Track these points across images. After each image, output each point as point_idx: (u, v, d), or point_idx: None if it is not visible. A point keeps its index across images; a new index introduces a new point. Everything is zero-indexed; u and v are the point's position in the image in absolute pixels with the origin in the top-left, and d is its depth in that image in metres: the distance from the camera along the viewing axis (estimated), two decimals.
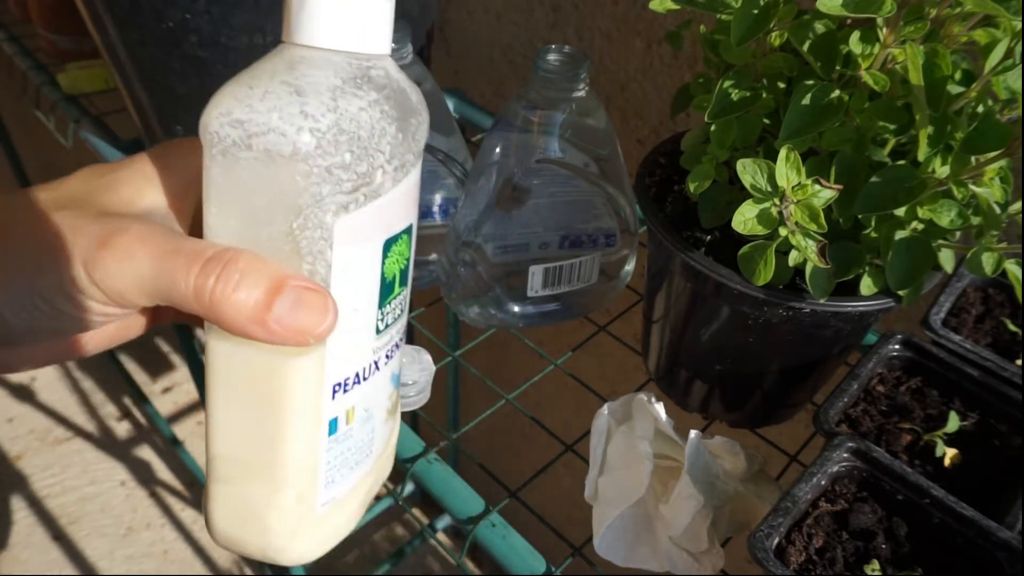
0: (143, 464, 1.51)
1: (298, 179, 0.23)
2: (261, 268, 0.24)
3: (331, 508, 0.30)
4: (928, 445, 0.39)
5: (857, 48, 0.34)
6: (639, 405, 0.46)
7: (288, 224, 0.24)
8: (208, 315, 0.24)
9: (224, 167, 0.24)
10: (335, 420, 0.28)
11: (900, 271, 0.36)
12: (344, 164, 0.24)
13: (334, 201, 0.24)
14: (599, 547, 0.43)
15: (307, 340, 0.24)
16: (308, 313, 0.24)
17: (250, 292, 0.23)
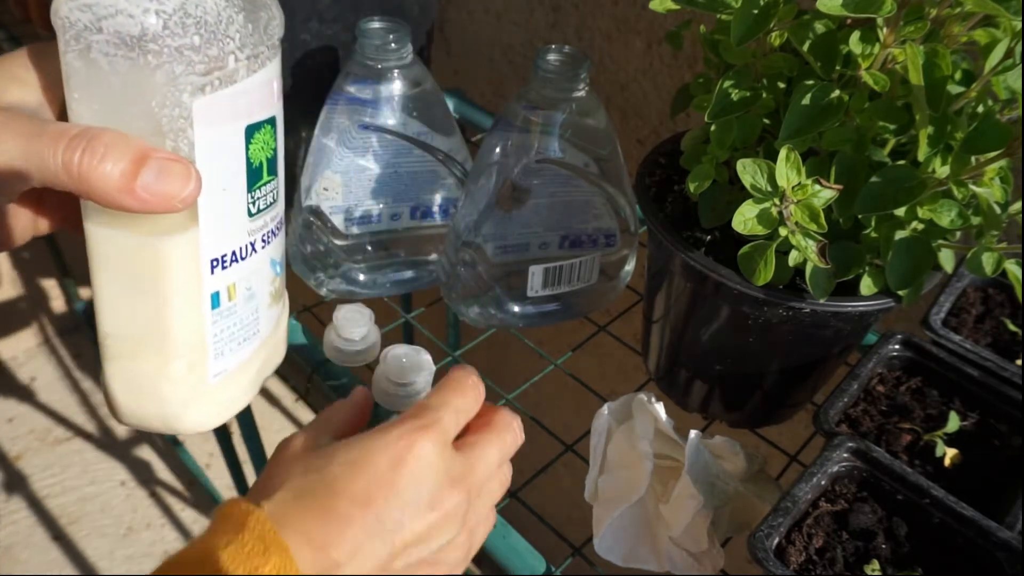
0: (143, 464, 1.51)
1: (150, 58, 0.25)
2: (126, 142, 0.25)
3: (223, 380, 0.33)
4: (928, 445, 0.39)
5: (857, 48, 0.34)
6: (639, 405, 0.46)
7: (147, 103, 0.26)
8: (78, 188, 0.25)
9: (79, 52, 0.25)
10: (217, 294, 0.30)
11: (900, 271, 0.36)
12: (194, 46, 0.26)
13: (189, 82, 0.26)
14: (599, 547, 0.43)
15: (174, 205, 0.26)
16: (172, 180, 0.26)
17: (116, 164, 0.25)
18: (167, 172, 0.26)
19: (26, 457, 1.51)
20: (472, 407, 0.34)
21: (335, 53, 0.57)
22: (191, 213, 0.28)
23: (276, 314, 0.36)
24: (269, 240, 0.33)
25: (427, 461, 0.29)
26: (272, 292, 0.34)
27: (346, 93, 0.52)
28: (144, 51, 0.25)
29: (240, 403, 0.35)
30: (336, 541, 0.27)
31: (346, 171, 0.52)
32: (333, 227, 0.53)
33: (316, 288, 0.56)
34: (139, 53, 0.25)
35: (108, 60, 0.25)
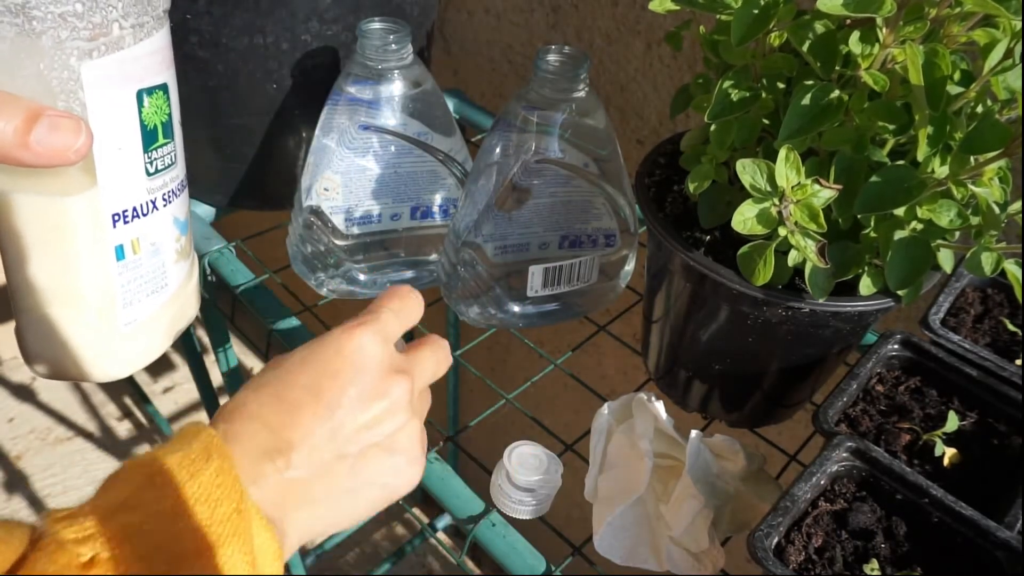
0: None
1: (35, 24, 0.27)
2: (17, 102, 0.27)
3: (134, 329, 0.35)
4: (927, 445, 0.39)
5: (857, 48, 0.34)
6: (639, 404, 0.46)
7: (36, 66, 0.28)
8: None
9: None
10: (121, 247, 0.33)
11: (899, 271, 0.36)
12: (77, 13, 0.28)
13: (75, 47, 0.28)
14: (599, 545, 0.43)
15: (67, 157, 0.28)
16: (64, 134, 0.28)
17: (8, 121, 0.26)
18: (58, 127, 0.27)
19: (27, 457, 1.51)
20: (411, 312, 0.36)
21: (335, 53, 0.57)
22: (89, 170, 0.31)
23: (184, 270, 0.38)
24: (170, 199, 0.35)
25: (368, 352, 0.32)
26: (178, 249, 0.37)
27: (346, 93, 0.52)
28: (29, 17, 0.27)
29: (153, 353, 0.37)
30: (289, 423, 0.30)
31: (346, 171, 0.52)
32: (333, 227, 0.53)
33: (316, 288, 0.56)
34: (24, 19, 0.27)
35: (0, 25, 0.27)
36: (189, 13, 0.51)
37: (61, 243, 0.32)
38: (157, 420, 1.52)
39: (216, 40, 0.53)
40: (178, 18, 0.51)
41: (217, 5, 0.51)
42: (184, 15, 0.51)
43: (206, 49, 0.53)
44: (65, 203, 0.31)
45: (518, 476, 0.43)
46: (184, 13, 0.51)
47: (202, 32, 0.52)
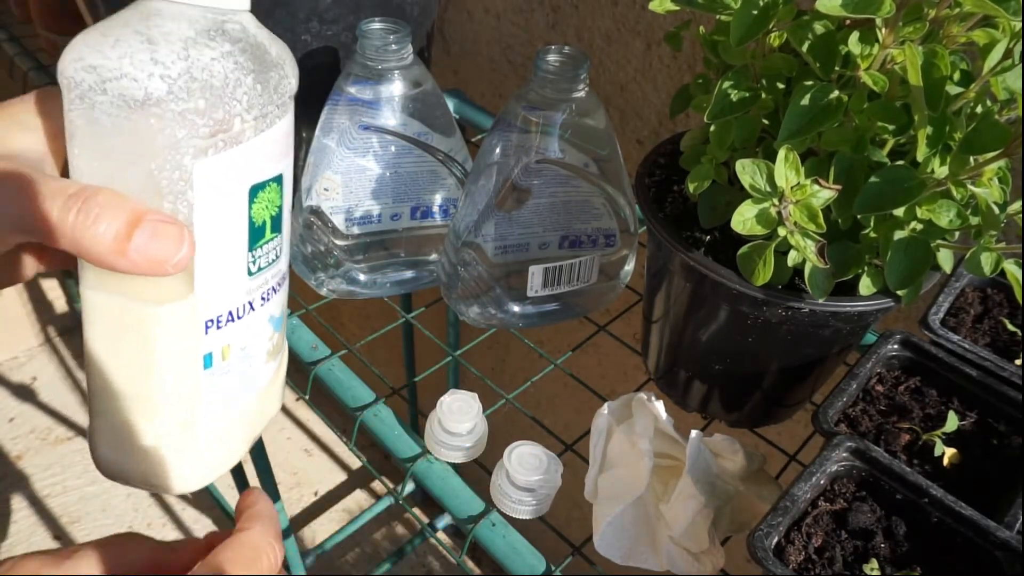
0: None
1: (152, 122, 0.25)
2: (121, 203, 0.25)
3: (214, 439, 0.31)
4: (927, 445, 0.39)
5: (856, 49, 0.34)
6: (639, 404, 0.46)
7: (147, 165, 0.25)
8: (71, 247, 0.25)
9: (83, 111, 0.25)
10: (210, 355, 0.29)
11: (899, 271, 0.36)
12: (199, 110, 0.25)
13: (191, 145, 0.25)
14: (599, 545, 0.43)
15: (165, 269, 0.26)
16: (164, 243, 0.25)
17: (110, 224, 0.25)
18: (160, 235, 0.25)
19: (27, 457, 1.51)
20: None
21: (335, 53, 0.57)
22: (187, 278, 0.28)
23: (272, 369, 0.34)
24: (268, 297, 0.31)
25: None
26: (269, 349, 0.33)
27: (346, 93, 0.52)
28: (147, 115, 0.25)
29: (232, 460, 0.34)
30: None
31: (346, 171, 0.52)
32: (333, 227, 0.53)
33: (317, 288, 0.56)
34: (142, 116, 0.25)
35: (111, 120, 0.25)
36: None
37: (145, 350, 0.28)
38: None
39: None
40: None
41: None
42: None
43: None
44: (156, 312, 0.28)
45: (518, 476, 0.43)
46: None
47: None
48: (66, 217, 0.25)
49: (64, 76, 0.25)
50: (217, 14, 0.26)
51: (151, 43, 0.25)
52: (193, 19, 0.26)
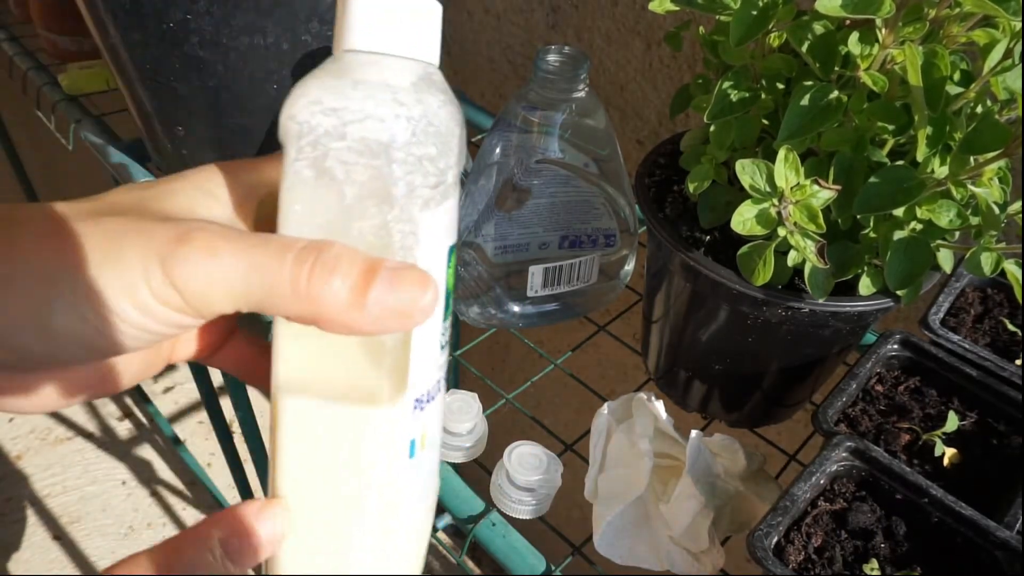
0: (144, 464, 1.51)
1: (395, 167, 0.23)
2: (353, 254, 0.22)
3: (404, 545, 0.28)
4: (927, 445, 0.39)
5: (856, 49, 0.34)
6: (639, 404, 0.46)
7: (383, 217, 0.23)
8: (304, 309, 0.22)
9: (312, 160, 0.23)
10: (413, 442, 0.26)
11: (899, 271, 0.36)
12: (431, 156, 0.24)
13: (420, 195, 0.24)
14: (599, 545, 0.43)
15: (411, 318, 0.22)
16: (406, 288, 0.22)
17: (345, 278, 0.21)
18: (399, 280, 0.22)
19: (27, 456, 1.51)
20: None
21: None
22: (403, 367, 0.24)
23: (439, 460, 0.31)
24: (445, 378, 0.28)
25: None
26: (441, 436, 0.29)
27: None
28: (389, 160, 0.23)
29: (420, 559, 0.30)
30: None
31: None
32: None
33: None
34: (384, 162, 0.23)
35: (345, 169, 0.23)
36: (189, 13, 0.51)
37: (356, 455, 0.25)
38: (157, 420, 1.52)
39: (216, 40, 0.53)
40: (178, 18, 0.51)
41: (218, 5, 0.51)
42: (184, 15, 0.51)
43: (207, 49, 0.53)
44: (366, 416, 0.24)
45: (518, 476, 0.43)
46: (184, 13, 0.51)
47: (202, 32, 0.52)
48: (300, 272, 0.21)
49: (296, 121, 0.23)
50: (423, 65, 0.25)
51: (389, 86, 0.23)
52: (405, 68, 0.24)
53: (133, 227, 0.22)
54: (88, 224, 0.22)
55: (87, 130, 0.73)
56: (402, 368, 0.24)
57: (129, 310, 0.21)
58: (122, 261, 0.21)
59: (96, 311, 0.21)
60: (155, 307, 0.21)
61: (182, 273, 0.21)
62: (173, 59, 0.54)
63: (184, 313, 0.22)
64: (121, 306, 0.21)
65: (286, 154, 0.23)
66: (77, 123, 0.75)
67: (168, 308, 0.21)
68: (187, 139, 0.60)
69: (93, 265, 0.21)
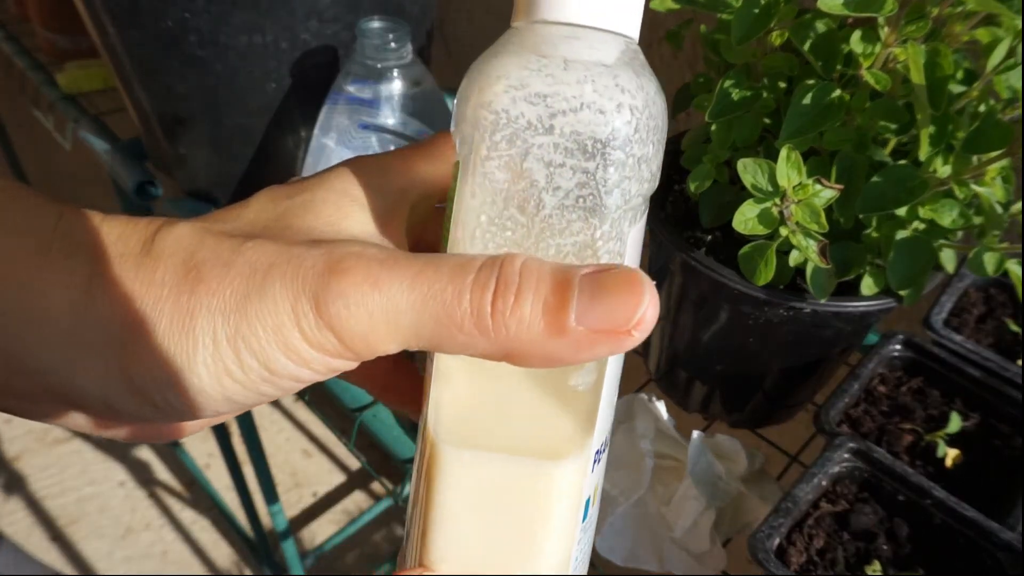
0: (142, 465, 1.51)
1: (611, 171, 0.18)
2: (538, 264, 0.17)
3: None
4: (929, 446, 0.39)
5: (858, 47, 0.34)
6: (640, 404, 0.46)
7: (591, 233, 0.18)
8: (489, 345, 0.17)
9: (509, 159, 0.18)
10: (588, 500, 0.21)
11: (901, 271, 0.36)
12: (648, 158, 0.19)
13: (633, 206, 0.19)
14: (600, 546, 0.43)
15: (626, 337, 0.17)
16: (616, 297, 0.17)
17: (535, 299, 0.17)
18: (603, 286, 0.17)
19: (25, 458, 1.51)
20: None
21: (335, 52, 0.57)
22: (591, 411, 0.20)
23: None
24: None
25: None
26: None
27: (346, 92, 0.52)
28: (607, 162, 0.18)
29: None
30: None
31: None
32: None
33: None
34: (599, 164, 0.18)
35: (547, 172, 0.18)
36: (188, 12, 0.51)
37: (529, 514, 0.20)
38: None
39: (215, 39, 0.52)
40: (177, 17, 0.51)
41: (216, 4, 0.51)
42: (183, 14, 0.51)
43: (205, 48, 0.53)
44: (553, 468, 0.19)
45: None
46: (183, 12, 0.51)
47: (201, 31, 0.52)
48: (483, 299, 0.17)
49: (491, 110, 0.18)
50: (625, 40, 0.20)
51: (606, 68, 0.18)
52: (612, 43, 0.19)
53: (279, 257, 0.18)
54: (230, 253, 0.18)
55: (85, 129, 0.73)
56: (591, 411, 0.20)
57: (279, 359, 0.18)
58: (268, 299, 0.18)
59: (242, 363, 0.18)
60: (309, 354, 0.18)
61: (339, 312, 0.17)
62: (171, 58, 0.53)
63: (341, 358, 0.18)
64: (271, 355, 0.18)
65: (473, 151, 0.19)
66: (75, 122, 0.75)
67: (323, 354, 0.18)
68: (185, 138, 0.60)
69: (235, 306, 0.18)
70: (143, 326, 0.18)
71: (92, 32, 0.57)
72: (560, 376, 0.19)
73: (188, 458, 1.43)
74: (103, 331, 0.18)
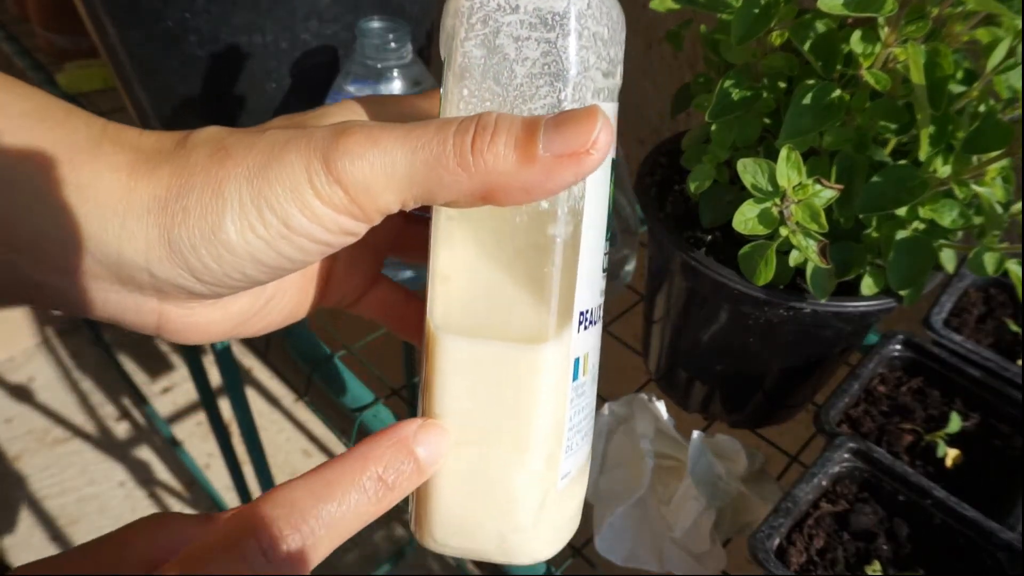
0: (142, 465, 1.51)
1: (571, 40, 0.21)
2: (511, 116, 0.21)
3: (567, 486, 0.25)
4: (929, 446, 0.39)
5: (858, 47, 0.34)
6: (640, 404, 0.46)
7: (555, 96, 0.22)
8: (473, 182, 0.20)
9: (483, 37, 0.22)
10: (578, 360, 0.24)
11: (901, 271, 0.36)
12: (603, 38, 0.22)
13: (593, 79, 0.22)
14: (600, 546, 0.43)
15: (588, 158, 0.20)
16: (576, 126, 0.20)
17: (508, 136, 0.20)
18: (566, 121, 0.20)
19: (24, 458, 1.51)
20: None
21: (335, 52, 0.57)
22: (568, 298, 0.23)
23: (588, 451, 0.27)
24: (603, 311, 0.27)
25: None
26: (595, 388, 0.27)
27: (346, 92, 0.51)
28: (564, 32, 0.21)
29: (573, 525, 0.27)
30: None
31: None
32: None
33: None
34: (558, 35, 0.21)
35: (516, 46, 0.22)
36: (188, 12, 0.51)
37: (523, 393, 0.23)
38: (155, 421, 1.52)
39: (216, 38, 0.52)
40: (177, 17, 0.51)
41: (216, 4, 0.51)
42: (183, 14, 0.51)
43: (205, 48, 0.53)
44: (531, 353, 0.22)
45: None
46: (183, 12, 0.51)
47: (201, 31, 0.52)
48: (464, 140, 0.20)
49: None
50: None
51: None
52: None
53: (295, 134, 0.22)
54: (254, 137, 0.22)
55: None
56: (567, 298, 0.23)
57: (296, 216, 0.21)
58: (285, 164, 0.21)
59: (264, 219, 0.21)
60: (320, 209, 0.21)
61: (345, 165, 0.20)
62: (171, 58, 0.53)
63: (350, 215, 0.21)
64: (288, 212, 0.21)
65: (455, 37, 0.22)
66: None
67: (333, 210, 0.21)
68: None
69: (257, 172, 0.21)
70: (180, 193, 0.21)
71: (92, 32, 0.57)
72: (539, 228, 0.22)
73: (188, 458, 1.43)
74: (146, 202, 0.22)
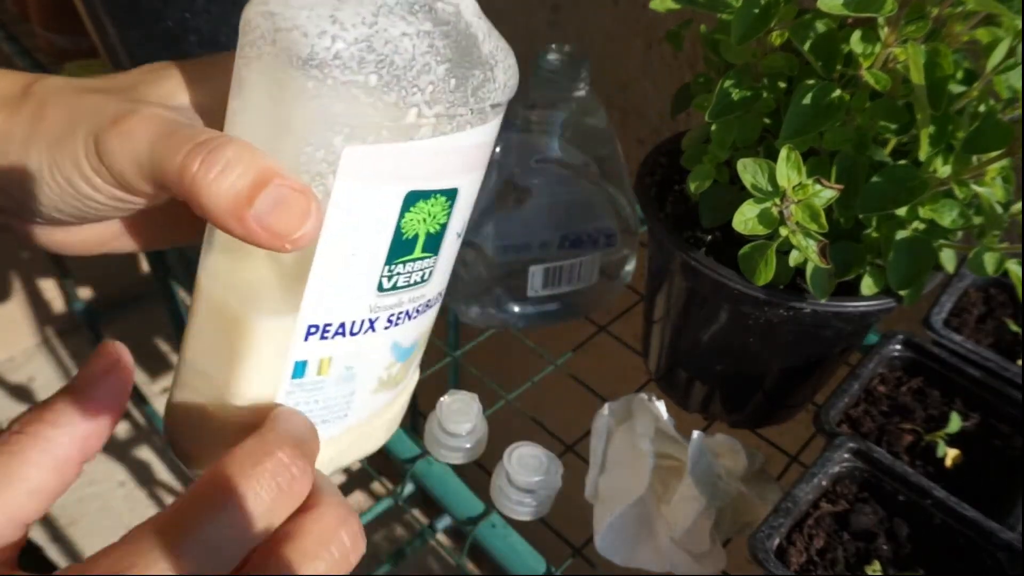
0: (142, 465, 1.51)
1: (309, 86, 0.22)
2: (251, 160, 0.22)
3: None
4: (929, 446, 0.39)
5: (858, 47, 0.34)
6: (640, 404, 0.46)
7: (295, 135, 0.23)
8: (190, 199, 0.23)
9: (249, 59, 0.23)
10: (303, 364, 0.26)
11: (901, 271, 0.36)
12: (367, 87, 0.22)
13: (347, 124, 0.22)
14: (600, 546, 0.43)
15: (283, 245, 0.22)
16: (288, 215, 0.22)
17: (234, 182, 0.22)
18: (284, 203, 0.22)
19: None
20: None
21: None
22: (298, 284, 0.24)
23: (381, 402, 0.30)
24: (398, 321, 0.28)
25: None
26: (383, 379, 0.29)
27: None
28: (306, 77, 0.21)
29: None
30: None
31: None
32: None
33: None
34: (301, 78, 0.22)
35: (272, 77, 0.22)
36: (188, 12, 0.51)
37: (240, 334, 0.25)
38: (155, 421, 1.52)
39: (215, 39, 0.52)
40: (177, 17, 0.51)
41: (216, 4, 0.51)
42: (183, 14, 0.51)
43: (205, 48, 0.53)
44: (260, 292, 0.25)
45: (518, 477, 0.42)
46: (183, 12, 0.51)
47: (201, 31, 0.52)
48: (190, 164, 0.22)
49: (244, 18, 0.23)
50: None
51: (341, 1, 0.22)
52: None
53: (97, 105, 0.25)
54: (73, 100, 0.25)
55: None
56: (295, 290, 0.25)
57: (77, 182, 0.25)
58: (75, 137, 0.24)
59: (56, 181, 0.25)
60: (94, 180, 0.25)
61: (105, 151, 0.24)
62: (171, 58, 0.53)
63: (119, 188, 0.25)
64: (72, 178, 0.25)
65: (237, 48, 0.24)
66: None
67: (104, 182, 0.24)
68: None
69: (55, 141, 0.24)
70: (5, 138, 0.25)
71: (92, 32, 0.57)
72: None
73: None
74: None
